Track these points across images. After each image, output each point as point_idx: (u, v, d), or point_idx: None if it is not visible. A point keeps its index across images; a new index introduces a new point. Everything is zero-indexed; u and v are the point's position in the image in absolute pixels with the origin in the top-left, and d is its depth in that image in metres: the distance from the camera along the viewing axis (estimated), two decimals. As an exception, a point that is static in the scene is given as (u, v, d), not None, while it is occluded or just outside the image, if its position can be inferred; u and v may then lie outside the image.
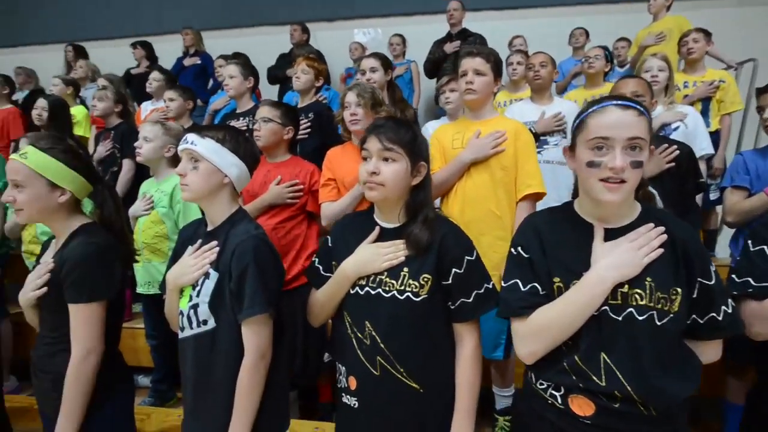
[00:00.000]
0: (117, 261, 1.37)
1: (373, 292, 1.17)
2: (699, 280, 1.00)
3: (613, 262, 0.98)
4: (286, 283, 1.81)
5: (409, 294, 1.15)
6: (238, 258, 1.19)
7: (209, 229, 1.30)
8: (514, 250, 1.10)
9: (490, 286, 1.19)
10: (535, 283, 1.05)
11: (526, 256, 1.07)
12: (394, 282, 1.15)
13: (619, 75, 3.77)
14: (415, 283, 1.15)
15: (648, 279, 0.98)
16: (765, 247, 1.20)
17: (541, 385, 1.06)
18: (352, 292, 1.19)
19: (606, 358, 0.97)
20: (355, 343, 1.18)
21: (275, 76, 4.47)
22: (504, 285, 1.10)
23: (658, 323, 0.97)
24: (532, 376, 1.09)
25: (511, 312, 1.07)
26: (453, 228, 1.21)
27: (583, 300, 0.98)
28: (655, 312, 0.97)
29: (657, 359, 0.96)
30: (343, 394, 1.23)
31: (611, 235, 1.03)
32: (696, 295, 1.00)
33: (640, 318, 0.97)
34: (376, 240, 1.20)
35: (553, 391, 1.03)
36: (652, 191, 1.21)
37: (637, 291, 0.98)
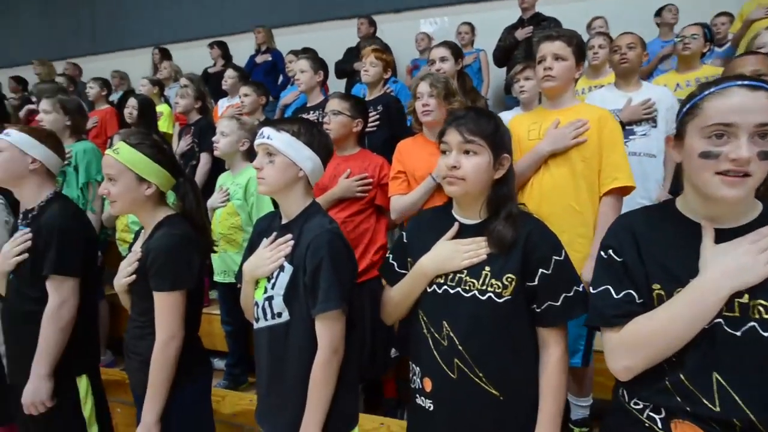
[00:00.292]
0: (197, 252, 1.43)
1: (452, 291, 1.11)
2: None
3: (730, 267, 0.84)
4: (354, 278, 1.80)
5: (491, 294, 1.08)
6: (312, 252, 1.19)
7: (284, 222, 1.31)
8: (603, 254, 0.98)
9: (580, 289, 1.10)
10: (631, 290, 0.92)
11: (619, 259, 0.95)
12: (475, 281, 1.09)
13: (718, 55, 3.40)
14: (498, 283, 1.08)
15: None
16: None
17: (636, 405, 0.94)
18: (429, 290, 1.15)
19: (719, 378, 0.84)
20: (431, 343, 1.13)
21: (343, 70, 4.51)
22: (593, 292, 0.98)
23: None
24: (625, 394, 0.97)
25: (604, 321, 0.95)
26: (539, 225, 1.13)
27: (693, 311, 0.85)
28: None
29: None
30: (417, 395, 1.19)
31: (724, 236, 0.88)
32: None
33: (765, 334, 0.83)
34: (455, 237, 1.15)
35: (651, 413, 0.91)
36: None
37: (761, 302, 0.83)
